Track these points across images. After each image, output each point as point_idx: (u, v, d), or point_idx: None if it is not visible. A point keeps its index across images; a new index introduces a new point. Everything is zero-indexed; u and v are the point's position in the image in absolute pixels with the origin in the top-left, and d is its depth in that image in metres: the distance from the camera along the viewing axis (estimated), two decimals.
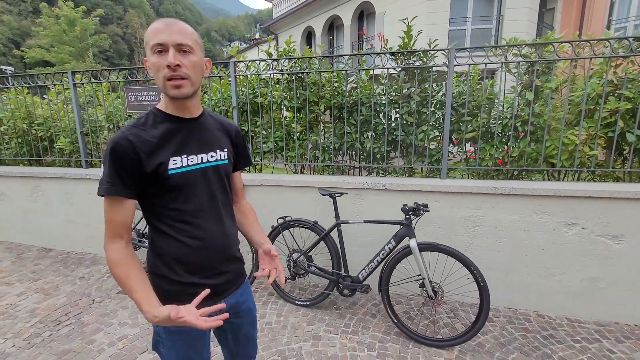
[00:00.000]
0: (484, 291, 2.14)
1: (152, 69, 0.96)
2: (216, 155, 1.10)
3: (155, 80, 0.97)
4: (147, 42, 0.95)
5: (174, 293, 1.05)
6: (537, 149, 2.74)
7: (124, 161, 0.93)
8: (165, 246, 1.03)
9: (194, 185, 1.04)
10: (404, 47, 2.99)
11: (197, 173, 1.04)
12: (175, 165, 1.00)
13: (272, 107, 3.23)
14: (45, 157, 4.13)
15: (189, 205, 1.03)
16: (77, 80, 3.66)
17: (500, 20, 10.62)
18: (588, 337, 2.35)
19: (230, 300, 1.17)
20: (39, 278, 3.25)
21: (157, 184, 0.99)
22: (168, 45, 0.92)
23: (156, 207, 1.02)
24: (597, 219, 2.45)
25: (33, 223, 3.99)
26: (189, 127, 1.06)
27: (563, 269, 2.56)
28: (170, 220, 1.03)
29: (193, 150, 1.04)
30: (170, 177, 0.98)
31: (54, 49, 23.06)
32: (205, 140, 1.09)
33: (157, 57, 0.94)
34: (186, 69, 0.95)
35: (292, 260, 2.77)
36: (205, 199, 1.07)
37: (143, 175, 0.96)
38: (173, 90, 0.96)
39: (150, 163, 0.96)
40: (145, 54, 1.00)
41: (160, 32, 0.92)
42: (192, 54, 0.97)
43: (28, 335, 2.39)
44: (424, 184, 2.70)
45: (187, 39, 0.96)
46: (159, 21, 0.95)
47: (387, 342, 2.32)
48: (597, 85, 2.58)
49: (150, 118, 1.02)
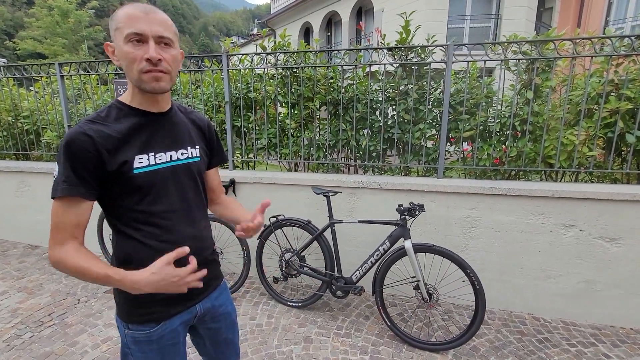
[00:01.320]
0: (479, 294, 2.09)
1: (124, 59, 0.86)
2: (187, 152, 1.03)
3: (125, 71, 0.89)
4: (118, 27, 0.86)
5: (141, 299, 0.94)
6: (536, 149, 2.68)
7: (83, 159, 0.84)
8: (131, 251, 0.95)
9: (162, 185, 0.96)
10: (401, 42, 2.91)
11: (165, 172, 0.96)
12: (142, 164, 0.91)
13: (265, 103, 3.14)
14: (32, 151, 4.01)
15: (158, 207, 0.95)
16: (65, 72, 3.55)
17: (498, 19, 10.59)
18: (584, 341, 2.31)
19: (206, 305, 1.11)
20: (23, 276, 3.15)
21: (121, 184, 0.90)
22: (147, 36, 0.85)
23: (121, 209, 0.93)
24: (594, 221, 2.40)
25: (19, 219, 3.88)
26: (156, 122, 0.97)
27: (559, 271, 2.52)
28: (137, 223, 0.94)
29: (161, 148, 0.96)
30: (136, 176, 0.90)
31: (46, 41, 22.66)
32: (175, 137, 1.01)
33: (133, 48, 0.85)
34: (167, 64, 0.89)
35: (284, 260, 2.70)
36: (176, 199, 0.99)
37: (105, 174, 0.87)
38: (152, 83, 0.88)
39: (113, 161, 0.87)
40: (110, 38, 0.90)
41: (138, 20, 0.84)
42: (173, 47, 0.91)
43: (8, 337, 2.30)
44: (420, 183, 2.64)
45: (168, 31, 0.89)
46: (134, 6, 0.86)
47: (380, 345, 2.27)
48: (597, 84, 2.53)
49: (113, 112, 0.92)
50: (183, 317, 1.04)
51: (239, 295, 2.86)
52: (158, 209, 0.95)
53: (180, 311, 1.03)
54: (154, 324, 0.98)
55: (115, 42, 0.88)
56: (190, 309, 1.06)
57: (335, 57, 3.08)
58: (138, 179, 0.91)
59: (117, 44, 0.87)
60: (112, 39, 0.90)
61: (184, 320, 1.05)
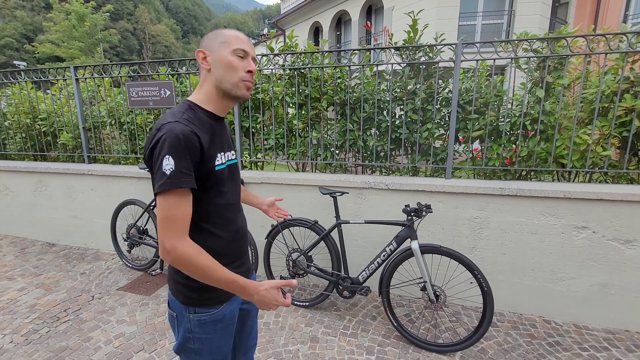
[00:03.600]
0: (487, 296, 2.06)
1: (227, 66, 1.01)
2: (231, 154, 1.18)
3: (220, 75, 1.02)
4: (225, 41, 1.02)
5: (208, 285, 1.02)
6: (547, 149, 2.63)
7: (193, 153, 0.94)
8: (203, 241, 1.01)
9: (227, 180, 1.10)
10: (409, 41, 2.89)
11: (228, 170, 1.11)
12: (219, 162, 1.05)
13: (273, 103, 3.17)
14: (49, 152, 4.14)
15: (223, 200, 1.09)
16: (80, 75, 3.65)
17: (511, 15, 10.37)
18: (596, 345, 2.26)
19: None
20: (41, 273, 3.27)
21: (207, 179, 1.01)
22: (249, 54, 1.05)
23: (200, 201, 1.02)
24: (608, 223, 2.34)
25: (37, 218, 4.02)
26: (220, 126, 1.12)
27: (571, 273, 2.46)
28: (210, 215, 1.06)
29: (225, 148, 1.11)
30: (216, 172, 1.03)
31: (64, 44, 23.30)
32: (227, 139, 1.17)
33: (239, 60, 1.02)
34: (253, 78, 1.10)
35: (291, 260, 2.72)
36: (233, 194, 1.14)
37: (201, 169, 0.98)
38: (245, 91, 1.06)
39: (207, 157, 0.99)
40: (206, 46, 1.04)
41: (243, 42, 1.04)
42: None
43: (26, 332, 2.39)
44: (427, 183, 2.62)
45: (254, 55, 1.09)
46: (237, 32, 1.07)
47: (386, 345, 2.26)
48: (612, 82, 2.46)
49: (198, 113, 1.03)
50: (238, 298, 1.17)
51: None
52: (224, 201, 1.09)
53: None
54: (218, 305, 1.10)
55: (219, 51, 1.02)
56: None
57: (343, 57, 3.08)
58: (217, 175, 1.04)
59: (220, 53, 1.02)
60: (207, 48, 1.03)
61: (240, 301, 1.19)
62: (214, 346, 1.13)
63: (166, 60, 3.36)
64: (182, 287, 1.08)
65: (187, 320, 1.09)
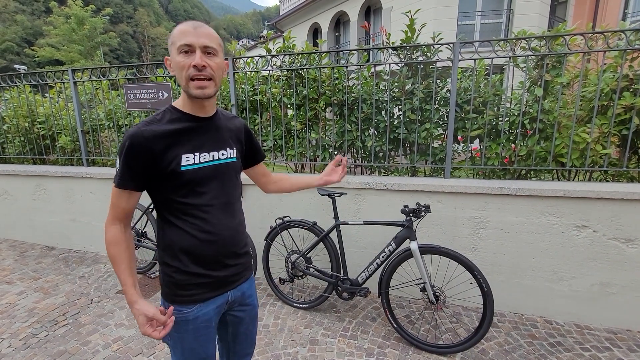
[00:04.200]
0: (487, 297, 2.04)
1: (176, 68, 1.01)
2: (227, 153, 1.15)
3: (178, 79, 1.02)
4: (173, 42, 1.00)
5: (182, 282, 1.10)
6: (546, 148, 2.62)
7: (138, 156, 0.98)
8: (175, 238, 1.08)
9: (205, 181, 1.08)
10: (407, 41, 2.88)
11: (208, 170, 1.09)
12: (188, 162, 1.04)
13: (271, 105, 3.16)
14: (48, 155, 4.14)
15: (200, 200, 1.07)
16: (78, 79, 3.65)
17: (510, 14, 10.36)
18: (598, 345, 2.24)
19: (236, 293, 1.22)
20: (40, 277, 3.26)
21: (170, 179, 1.03)
22: (195, 46, 0.98)
23: (169, 201, 1.06)
24: (609, 222, 2.33)
25: (36, 221, 4.02)
26: (203, 126, 1.10)
27: (572, 273, 2.44)
28: (182, 214, 1.07)
29: (205, 148, 1.09)
30: (184, 173, 1.03)
31: (63, 48, 23.34)
32: (218, 139, 1.14)
33: (183, 57, 0.99)
34: (211, 70, 1.01)
35: (290, 261, 2.71)
36: (216, 194, 1.11)
37: (157, 170, 1.01)
38: (196, 90, 1.01)
39: (165, 159, 1.01)
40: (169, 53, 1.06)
41: (187, 34, 0.98)
42: (217, 56, 1.03)
43: (25, 336, 2.38)
44: (426, 183, 2.61)
45: (213, 42, 1.02)
46: (186, 23, 1.01)
47: (386, 347, 2.25)
48: (611, 80, 2.44)
49: (167, 115, 1.06)
50: (217, 302, 1.16)
51: None
52: (200, 202, 1.08)
53: (214, 296, 1.15)
54: (191, 304, 1.11)
55: (171, 55, 1.02)
56: (223, 295, 1.17)
57: (341, 57, 3.07)
58: (185, 175, 1.04)
59: (172, 56, 1.02)
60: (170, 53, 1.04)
61: (218, 305, 1.16)
62: (186, 347, 1.13)
63: (163, 63, 3.35)
64: (162, 279, 1.14)
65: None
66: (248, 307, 1.28)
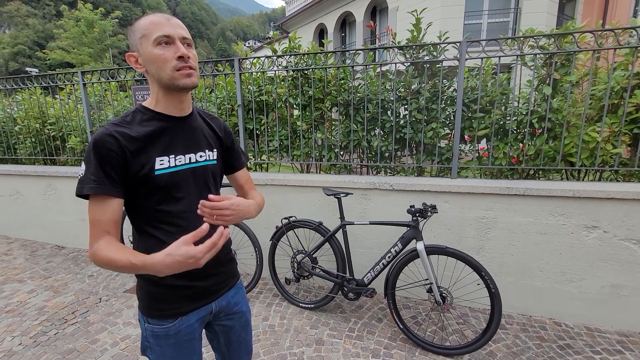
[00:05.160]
0: (495, 298, 2.02)
1: (155, 61, 0.92)
2: (205, 155, 1.07)
3: (155, 73, 0.93)
4: (144, 34, 0.91)
5: (160, 295, 1.02)
6: (555, 147, 2.58)
7: (110, 158, 0.89)
8: (150, 248, 0.93)
9: (182, 186, 1.00)
10: (413, 40, 2.87)
11: (185, 173, 1.01)
12: (163, 166, 0.96)
13: (277, 105, 3.17)
14: (58, 156, 4.21)
15: (177, 207, 0.99)
16: (87, 80, 3.71)
17: (518, 13, 10.24)
18: (609, 348, 2.19)
19: (221, 303, 1.15)
20: (50, 275, 3.31)
21: (143, 185, 0.94)
22: (174, 37, 0.92)
23: (143, 208, 0.98)
24: (620, 222, 2.28)
25: (47, 221, 4.08)
26: (177, 126, 1.01)
27: (582, 274, 2.40)
28: (158, 223, 0.99)
29: (181, 150, 1.01)
30: (157, 177, 0.94)
31: (74, 51, 23.73)
32: (194, 140, 1.05)
33: (163, 49, 0.91)
34: (193, 61, 0.95)
35: (296, 261, 2.71)
36: (195, 200, 0.97)
37: (129, 174, 0.92)
38: (185, 79, 0.93)
39: (136, 163, 0.92)
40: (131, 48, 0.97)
41: (163, 25, 0.91)
42: (192, 47, 0.98)
43: (35, 334, 2.42)
44: (433, 183, 2.59)
45: (187, 33, 0.97)
46: (156, 15, 0.94)
47: (392, 348, 2.24)
48: (621, 78, 2.40)
49: (137, 116, 0.97)
50: (200, 314, 1.09)
51: (252, 296, 2.89)
52: (178, 208, 0.99)
53: (196, 307, 1.07)
54: (171, 319, 1.03)
55: (142, 48, 0.93)
56: (206, 306, 1.10)
57: (347, 57, 3.07)
58: (159, 180, 0.95)
59: (144, 50, 0.92)
60: (133, 49, 0.95)
61: (200, 317, 1.09)
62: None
63: None
64: (139, 292, 1.05)
65: (144, 329, 1.05)
66: (236, 314, 1.21)
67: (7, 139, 4.39)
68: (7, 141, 4.39)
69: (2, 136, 4.38)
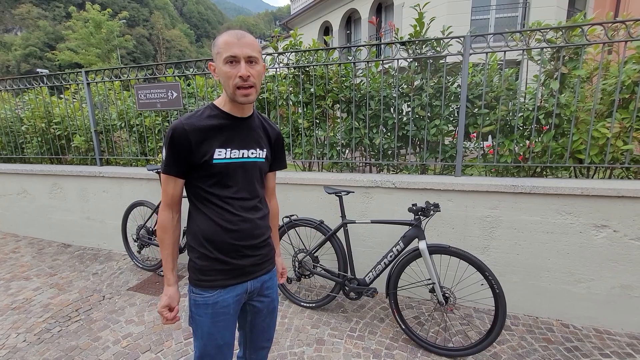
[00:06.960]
0: (499, 298, 1.97)
1: (223, 77, 1.10)
2: (256, 152, 1.23)
3: (223, 85, 1.12)
4: (218, 52, 1.08)
5: (204, 268, 1.19)
6: (563, 144, 2.51)
7: (178, 145, 1.10)
8: (200, 224, 1.18)
9: (233, 175, 1.17)
10: (415, 35, 2.81)
11: (237, 165, 1.18)
12: (220, 156, 1.14)
13: (278, 103, 3.15)
14: (63, 155, 4.25)
15: (225, 192, 1.17)
16: (91, 80, 3.73)
17: (526, 8, 10.05)
18: (619, 351, 2.13)
19: (256, 284, 1.28)
20: (56, 273, 3.35)
21: (202, 170, 1.13)
22: (240, 57, 1.07)
23: (199, 189, 1.17)
24: (631, 221, 2.21)
25: (53, 219, 4.13)
26: (237, 125, 1.19)
27: (591, 275, 2.33)
28: (207, 202, 1.17)
29: (237, 145, 1.18)
30: (214, 165, 1.13)
31: (82, 51, 24.06)
32: (249, 138, 1.22)
33: (230, 68, 1.08)
34: (254, 79, 1.10)
35: (297, 260, 2.69)
36: (241, 188, 1.19)
37: (192, 160, 1.11)
38: (242, 98, 1.11)
39: (199, 151, 1.11)
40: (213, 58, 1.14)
41: (232, 45, 1.06)
42: (257, 63, 1.11)
43: (39, 331, 2.44)
44: (436, 181, 2.54)
45: (255, 51, 1.10)
46: (229, 33, 1.08)
47: (394, 349, 2.20)
48: (633, 71, 2.32)
49: (206, 112, 1.16)
50: (236, 290, 1.23)
51: None
52: (225, 193, 1.17)
53: (233, 284, 1.22)
54: (211, 290, 1.19)
55: (216, 63, 1.11)
56: (243, 284, 1.24)
57: (348, 54, 3.03)
58: (215, 168, 1.14)
59: (217, 64, 1.11)
60: (214, 60, 1.13)
61: (237, 294, 1.23)
62: (205, 331, 1.21)
63: (173, 63, 3.39)
64: (189, 263, 1.24)
65: (189, 298, 1.23)
66: (266, 299, 1.33)
67: (15, 138, 4.45)
68: (15, 140, 4.46)
69: (10, 136, 4.45)
